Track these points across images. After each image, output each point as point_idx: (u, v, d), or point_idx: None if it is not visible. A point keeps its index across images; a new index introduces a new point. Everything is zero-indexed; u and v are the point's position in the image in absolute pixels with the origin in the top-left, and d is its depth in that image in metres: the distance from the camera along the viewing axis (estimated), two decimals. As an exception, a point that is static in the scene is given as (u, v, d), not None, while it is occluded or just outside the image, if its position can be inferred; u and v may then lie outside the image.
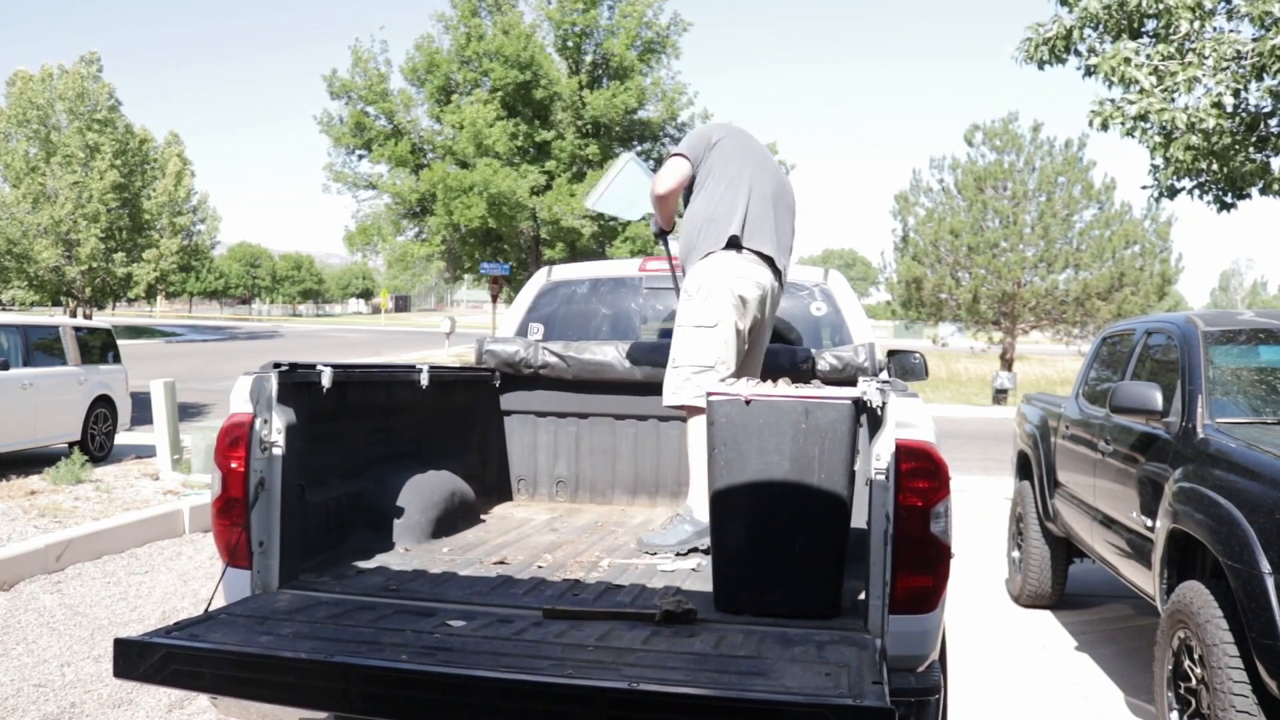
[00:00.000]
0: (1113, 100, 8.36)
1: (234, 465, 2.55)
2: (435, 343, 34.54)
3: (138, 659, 2.04)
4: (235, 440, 2.56)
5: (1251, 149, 8.44)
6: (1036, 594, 5.59)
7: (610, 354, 4.05)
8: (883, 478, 2.25)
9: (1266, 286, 79.55)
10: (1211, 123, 7.67)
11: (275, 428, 2.57)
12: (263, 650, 2.05)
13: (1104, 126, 8.25)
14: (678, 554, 3.09)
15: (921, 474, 2.24)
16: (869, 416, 2.73)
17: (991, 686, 4.33)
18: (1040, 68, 8.90)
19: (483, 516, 3.76)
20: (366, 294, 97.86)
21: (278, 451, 2.56)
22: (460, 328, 37.29)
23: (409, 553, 3.11)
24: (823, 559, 2.45)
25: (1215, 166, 8.39)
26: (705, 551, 3.01)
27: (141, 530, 6.50)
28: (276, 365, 2.62)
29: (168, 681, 2.07)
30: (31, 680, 4.00)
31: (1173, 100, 7.93)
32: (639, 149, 27.21)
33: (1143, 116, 7.98)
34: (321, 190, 28.29)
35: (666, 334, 4.79)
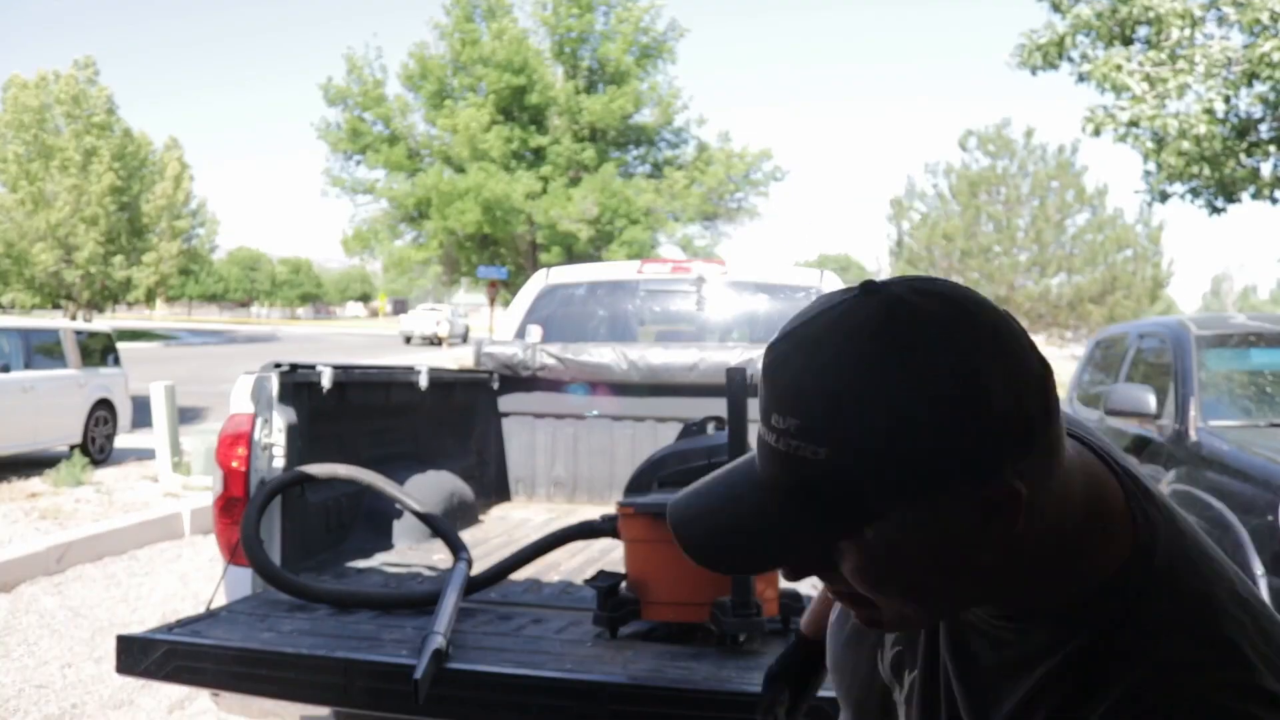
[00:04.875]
0: (1105, 106, 8.43)
1: (235, 464, 2.59)
2: (432, 346, 34.54)
3: (140, 655, 2.07)
4: (237, 439, 2.59)
5: (1242, 154, 8.51)
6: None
7: (608, 356, 4.08)
8: None
9: (1257, 290, 79.61)
10: (1203, 128, 7.74)
11: (276, 427, 2.60)
12: (264, 646, 2.08)
13: (1097, 132, 8.32)
14: None
15: None
16: None
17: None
18: (1034, 74, 8.97)
19: (481, 517, 3.79)
20: (365, 298, 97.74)
21: (278, 451, 2.60)
22: (456, 330, 37.29)
23: (408, 552, 3.14)
24: None
25: (1206, 171, 8.45)
26: None
27: (142, 532, 6.51)
28: (277, 365, 2.66)
29: (170, 678, 2.10)
30: (33, 681, 4.02)
31: (1164, 106, 8.00)
32: (635, 153, 27.31)
33: (1135, 122, 8.05)
34: (320, 195, 28.41)
35: (664, 336, 4.84)
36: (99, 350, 10.51)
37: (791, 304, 4.65)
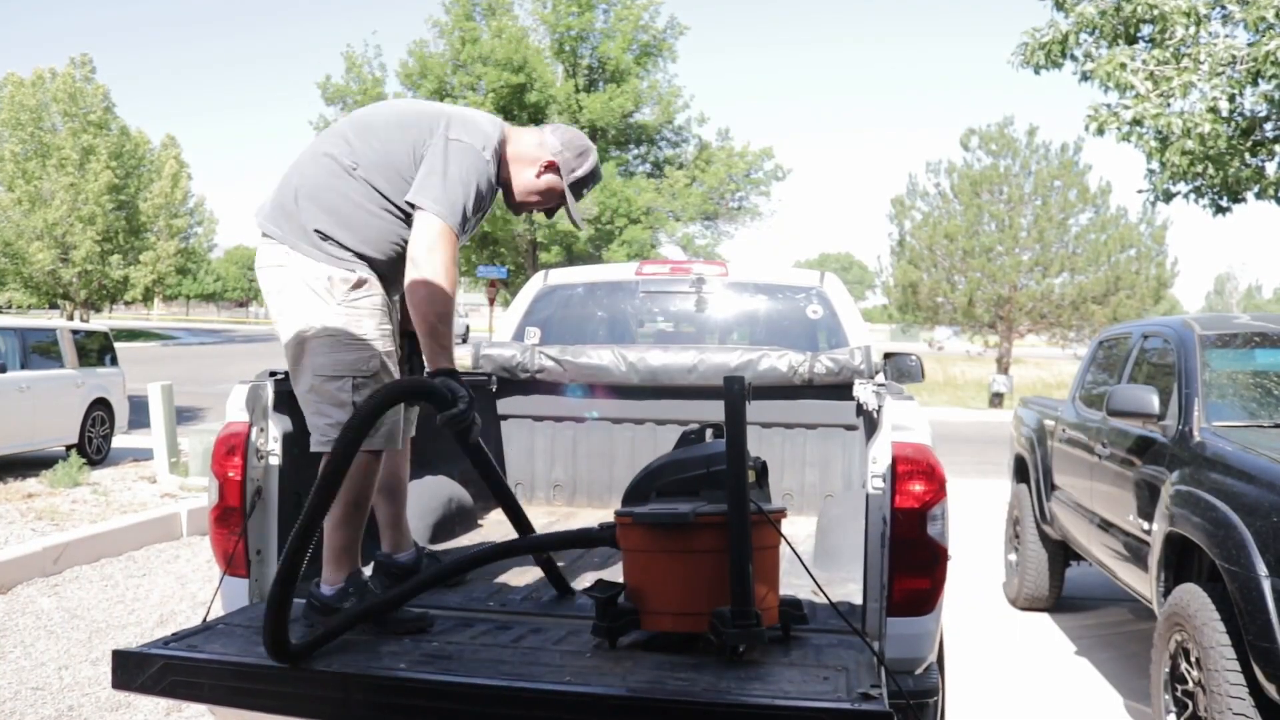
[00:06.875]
0: (1109, 105, 8.41)
1: (231, 474, 2.55)
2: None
3: (136, 670, 2.04)
4: (232, 449, 2.55)
5: (1247, 154, 8.49)
6: (1033, 597, 5.60)
7: (607, 358, 4.05)
8: (879, 481, 2.25)
9: (1261, 290, 79.67)
10: (1207, 127, 7.71)
11: (272, 436, 2.57)
12: (261, 660, 2.04)
13: (1100, 131, 8.30)
14: None
15: (918, 477, 2.25)
16: (865, 419, 2.74)
17: (989, 689, 4.34)
18: (1037, 72, 8.95)
19: (480, 521, 3.76)
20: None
21: (274, 460, 2.56)
22: (456, 330, 36.98)
23: None
24: None
25: (1211, 171, 8.43)
26: None
27: (139, 533, 6.48)
28: (273, 374, 2.62)
29: (166, 692, 2.07)
30: (29, 683, 3.99)
31: (1168, 105, 7.97)
32: (635, 152, 27.28)
33: (1139, 121, 8.02)
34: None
35: (664, 338, 4.81)
36: (96, 350, 10.49)
37: (791, 305, 4.63)
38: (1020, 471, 6.14)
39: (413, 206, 2.40)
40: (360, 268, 2.42)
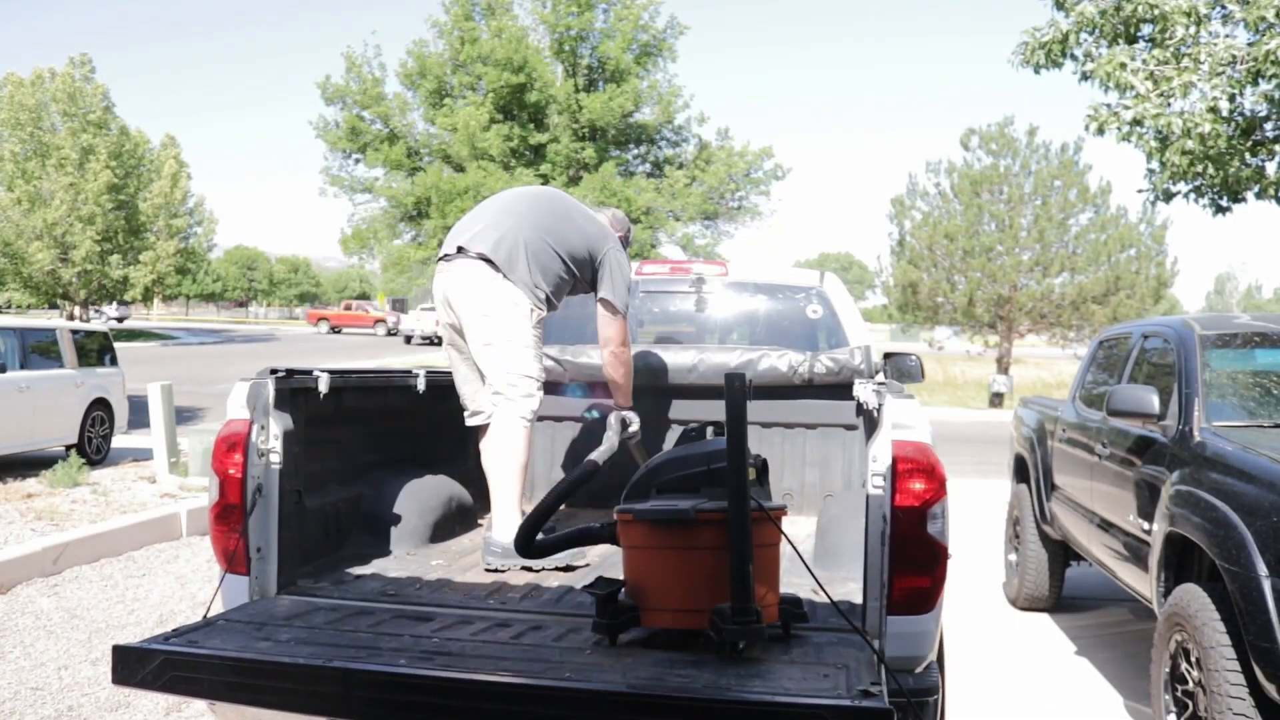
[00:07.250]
0: (1109, 105, 8.42)
1: (231, 471, 2.55)
2: (433, 346, 34.50)
3: (136, 665, 2.04)
4: (232, 446, 2.56)
5: (1247, 153, 8.50)
6: (1033, 597, 5.60)
7: None
8: (880, 480, 2.25)
9: (1261, 290, 79.75)
10: (1207, 127, 7.71)
11: (272, 434, 2.57)
12: (261, 656, 2.04)
13: (1100, 131, 8.31)
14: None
15: (918, 476, 2.25)
16: (865, 419, 2.74)
17: (989, 689, 4.34)
18: (1036, 72, 8.96)
19: (479, 521, 3.76)
20: (363, 297, 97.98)
21: (275, 458, 2.56)
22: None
23: (406, 557, 3.12)
24: None
25: (1211, 171, 8.43)
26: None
27: (139, 533, 6.48)
28: (274, 371, 2.62)
29: (166, 688, 2.07)
30: (29, 684, 3.99)
31: (1169, 105, 7.98)
32: (635, 152, 27.27)
33: (1139, 121, 8.03)
34: (318, 194, 28.42)
35: (664, 338, 4.81)
36: (96, 350, 10.48)
37: (791, 305, 4.62)
38: (1020, 471, 6.14)
39: (600, 298, 3.57)
40: (546, 309, 3.44)
